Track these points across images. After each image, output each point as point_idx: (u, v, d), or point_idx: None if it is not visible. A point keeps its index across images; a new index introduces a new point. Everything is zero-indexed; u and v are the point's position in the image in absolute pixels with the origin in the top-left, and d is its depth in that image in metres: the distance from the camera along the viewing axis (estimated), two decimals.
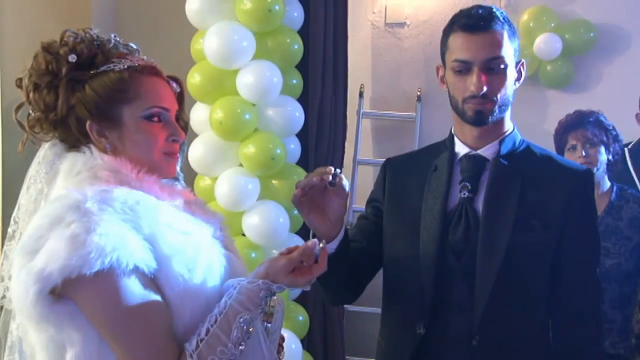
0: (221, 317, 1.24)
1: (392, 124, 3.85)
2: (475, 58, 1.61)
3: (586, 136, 2.62)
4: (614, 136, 2.67)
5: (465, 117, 1.65)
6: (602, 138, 2.64)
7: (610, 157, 2.63)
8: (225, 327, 1.23)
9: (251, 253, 2.95)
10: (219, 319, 1.24)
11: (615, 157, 2.66)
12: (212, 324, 1.24)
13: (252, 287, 1.27)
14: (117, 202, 1.25)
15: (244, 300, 1.26)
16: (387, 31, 3.85)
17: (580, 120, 2.67)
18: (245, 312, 1.25)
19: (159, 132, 1.37)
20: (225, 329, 1.23)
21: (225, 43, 2.88)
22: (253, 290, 1.27)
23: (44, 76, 1.35)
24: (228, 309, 1.25)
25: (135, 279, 1.22)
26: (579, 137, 2.63)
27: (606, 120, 2.69)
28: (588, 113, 2.70)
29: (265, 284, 1.28)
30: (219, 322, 1.24)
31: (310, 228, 1.61)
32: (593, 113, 2.70)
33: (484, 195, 1.65)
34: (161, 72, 1.42)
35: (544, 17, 3.62)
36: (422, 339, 1.64)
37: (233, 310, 1.25)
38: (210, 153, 2.99)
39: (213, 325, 1.24)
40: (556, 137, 2.71)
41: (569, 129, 2.66)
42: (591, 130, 2.63)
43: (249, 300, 1.26)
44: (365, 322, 3.40)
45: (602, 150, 2.63)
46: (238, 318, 1.24)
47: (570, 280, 1.66)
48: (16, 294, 1.23)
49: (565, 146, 2.66)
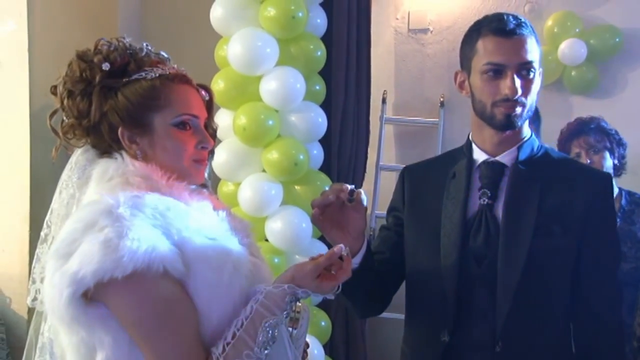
0: (247, 321, 1.26)
1: (415, 130, 3.85)
2: (509, 61, 1.62)
3: (589, 143, 2.62)
4: (617, 140, 2.66)
5: (494, 121, 1.65)
6: (605, 144, 2.63)
7: (616, 161, 2.62)
8: (251, 331, 1.25)
9: (274, 258, 2.96)
10: (245, 323, 1.26)
11: (620, 161, 2.64)
12: (238, 328, 1.25)
13: (277, 292, 1.29)
14: (149, 207, 1.27)
15: (270, 305, 1.27)
16: (410, 37, 3.85)
17: (582, 128, 2.66)
18: (271, 316, 1.26)
19: (189, 140, 1.40)
20: (252, 333, 1.25)
21: (249, 49, 2.90)
22: (279, 294, 1.28)
23: (78, 83, 1.38)
24: (254, 313, 1.26)
25: (166, 282, 1.24)
26: (582, 144, 2.62)
27: (607, 125, 2.68)
28: (589, 120, 2.69)
29: (290, 289, 1.29)
30: (245, 326, 1.25)
31: (332, 244, 1.62)
32: (594, 119, 2.69)
33: (503, 201, 1.65)
34: (191, 80, 1.44)
35: (568, 22, 3.60)
36: (446, 346, 1.64)
37: (259, 314, 1.26)
38: (233, 159, 3.01)
39: (239, 329, 1.25)
40: (559, 146, 2.70)
41: (571, 137, 2.65)
42: (593, 137, 2.62)
43: (274, 304, 1.27)
44: (387, 328, 3.39)
45: (607, 155, 2.62)
46: (264, 322, 1.25)
47: (590, 285, 1.65)
48: (49, 296, 1.26)
49: (569, 155, 2.65)
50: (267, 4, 2.93)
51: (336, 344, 3.31)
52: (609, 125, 2.69)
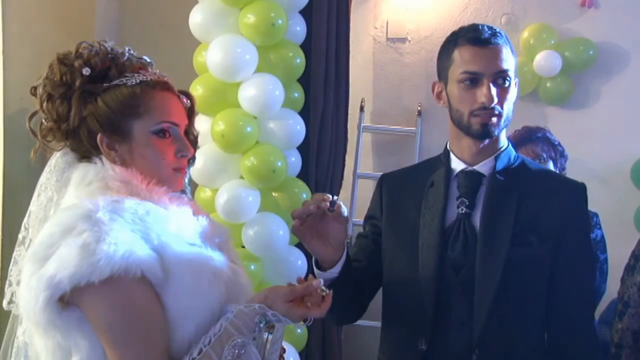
0: (215, 339, 1.26)
1: (393, 138, 3.87)
2: (485, 70, 1.64)
3: (536, 152, 2.65)
4: (561, 152, 2.71)
5: (471, 130, 1.67)
6: (550, 153, 2.67)
7: (558, 171, 2.67)
8: (218, 348, 1.25)
9: (250, 265, 2.95)
10: (213, 340, 1.26)
11: (562, 171, 2.69)
12: (205, 344, 1.26)
13: (248, 311, 1.29)
14: (128, 212, 1.26)
15: (239, 324, 1.27)
16: (388, 46, 3.88)
17: (529, 136, 2.70)
18: (239, 335, 1.26)
19: (168, 148, 1.39)
20: (218, 351, 1.25)
21: (228, 56, 2.90)
22: (249, 314, 1.29)
23: (58, 87, 1.37)
24: (223, 331, 1.27)
25: (142, 289, 1.23)
26: (528, 152, 2.65)
27: (552, 136, 2.73)
28: (535, 129, 2.73)
29: (261, 309, 1.29)
30: (213, 343, 1.26)
31: (312, 255, 1.62)
32: (540, 129, 2.73)
33: (481, 210, 1.67)
34: (173, 87, 1.44)
35: (544, 35, 3.66)
36: (424, 354, 1.65)
37: (227, 332, 1.26)
38: (211, 165, 3.00)
39: (207, 345, 1.25)
40: None
41: (518, 144, 2.68)
42: (540, 146, 2.66)
43: (244, 324, 1.28)
44: (363, 336, 3.40)
45: (551, 165, 2.66)
46: (231, 341, 1.26)
47: (565, 294, 1.67)
48: (25, 299, 1.25)
49: None
50: (246, 11, 2.93)
51: (312, 352, 3.30)
52: (554, 137, 2.74)
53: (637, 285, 1.87)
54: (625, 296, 1.89)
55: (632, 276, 1.89)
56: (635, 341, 1.86)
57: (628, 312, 1.88)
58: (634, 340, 1.86)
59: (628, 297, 1.88)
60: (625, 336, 1.87)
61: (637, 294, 1.87)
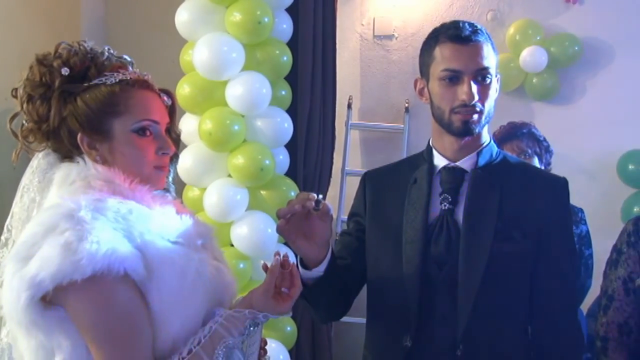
0: (205, 340, 1.27)
1: (380, 135, 3.88)
2: (466, 67, 1.64)
3: (521, 147, 2.66)
4: (546, 147, 2.72)
5: (452, 127, 1.68)
6: (535, 149, 2.68)
7: (543, 167, 2.68)
8: (209, 349, 1.26)
9: (239, 264, 2.96)
10: (203, 341, 1.27)
11: (547, 167, 2.70)
12: (195, 345, 1.27)
13: (238, 316, 1.32)
14: (110, 211, 1.26)
15: (230, 327, 1.30)
16: (375, 43, 3.89)
17: (514, 132, 2.71)
18: (229, 337, 1.28)
19: (149, 146, 1.39)
20: (209, 352, 1.26)
21: (215, 54, 2.90)
22: (239, 318, 1.31)
23: (37, 88, 1.37)
24: (213, 332, 1.28)
25: (125, 287, 1.23)
26: (513, 148, 2.66)
27: (537, 132, 2.74)
28: (520, 125, 2.74)
29: (251, 314, 1.32)
30: (203, 344, 1.27)
31: (297, 254, 1.62)
32: (525, 125, 2.74)
33: (464, 206, 1.67)
34: (153, 85, 1.44)
35: (529, 31, 3.67)
36: (408, 351, 1.65)
37: (218, 334, 1.28)
38: (199, 164, 3.00)
39: (196, 346, 1.26)
40: None
41: (503, 140, 2.69)
42: (525, 142, 2.67)
43: (234, 327, 1.30)
44: (353, 333, 3.40)
45: (536, 161, 2.67)
46: (222, 342, 1.27)
47: (548, 289, 1.68)
48: (7, 299, 1.25)
49: None
50: (232, 9, 2.93)
51: (302, 349, 3.31)
52: (539, 132, 2.75)
53: (622, 279, 1.88)
54: (609, 290, 1.90)
55: (615, 270, 1.90)
56: (621, 334, 1.87)
57: (613, 306, 1.89)
58: (619, 333, 1.87)
59: (612, 290, 1.89)
60: (611, 329, 1.89)
61: (622, 287, 1.88)
